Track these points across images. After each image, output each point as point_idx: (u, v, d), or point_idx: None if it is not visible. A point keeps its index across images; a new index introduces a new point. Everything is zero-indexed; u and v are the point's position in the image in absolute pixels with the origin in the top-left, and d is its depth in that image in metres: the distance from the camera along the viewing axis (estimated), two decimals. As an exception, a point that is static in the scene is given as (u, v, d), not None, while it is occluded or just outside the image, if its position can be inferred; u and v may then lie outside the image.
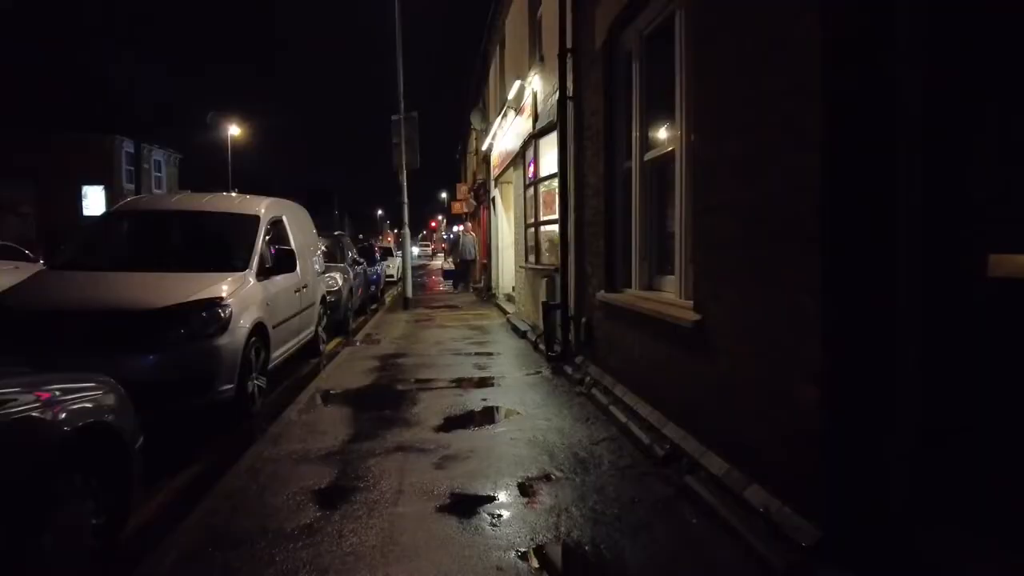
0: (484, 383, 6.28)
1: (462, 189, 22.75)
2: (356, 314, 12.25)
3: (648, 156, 4.73)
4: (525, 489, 3.49)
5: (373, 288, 15.42)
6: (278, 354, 6.19)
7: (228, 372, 4.90)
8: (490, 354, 7.87)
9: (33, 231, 26.41)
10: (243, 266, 5.68)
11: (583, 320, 6.08)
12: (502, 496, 3.39)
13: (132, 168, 30.11)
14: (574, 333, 6.51)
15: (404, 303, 13.52)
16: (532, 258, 8.87)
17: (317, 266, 8.46)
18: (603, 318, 5.52)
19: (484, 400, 5.52)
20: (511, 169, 11.32)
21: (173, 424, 5.00)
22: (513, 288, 14.02)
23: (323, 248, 11.43)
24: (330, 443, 4.34)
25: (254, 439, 4.52)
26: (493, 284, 15.32)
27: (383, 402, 5.50)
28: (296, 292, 6.85)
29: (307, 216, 8.52)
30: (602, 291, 5.45)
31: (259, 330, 5.49)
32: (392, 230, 73.09)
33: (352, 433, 4.58)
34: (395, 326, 10.79)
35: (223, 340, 4.86)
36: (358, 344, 8.95)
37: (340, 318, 10.09)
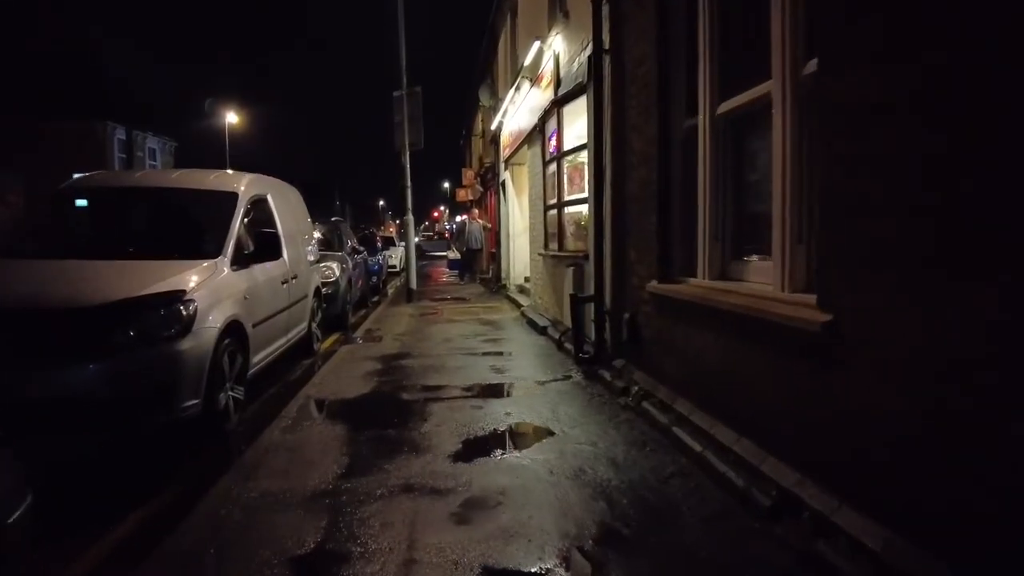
0: (505, 391, 5.29)
1: (468, 174, 21.62)
2: (356, 307, 11.26)
3: (724, 107, 3.71)
4: (586, 560, 2.50)
5: (375, 279, 14.43)
6: (261, 357, 5.20)
7: (192, 383, 3.91)
8: (508, 354, 6.88)
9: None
10: (215, 252, 4.68)
11: (625, 316, 5.07)
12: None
13: (125, 156, 29.05)
14: (611, 331, 5.50)
15: (408, 295, 12.52)
16: (554, 244, 7.85)
17: (311, 254, 7.46)
18: (655, 314, 4.51)
19: (508, 414, 4.53)
20: (525, 147, 10.29)
21: (121, 451, 4.03)
22: (526, 279, 13.02)
23: (319, 235, 10.49)
24: (318, 478, 3.36)
25: (223, 470, 3.54)
26: (503, 275, 14.31)
27: (386, 417, 4.51)
28: (283, 283, 5.85)
29: (298, 197, 7.50)
30: (654, 282, 4.44)
31: (234, 330, 4.50)
32: (394, 220, 72.10)
33: (347, 463, 3.59)
34: (399, 321, 9.80)
35: (186, 344, 3.87)
36: (358, 342, 7.96)
37: (338, 312, 9.10)
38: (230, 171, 6.05)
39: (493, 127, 13.92)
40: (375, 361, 6.56)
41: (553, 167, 7.66)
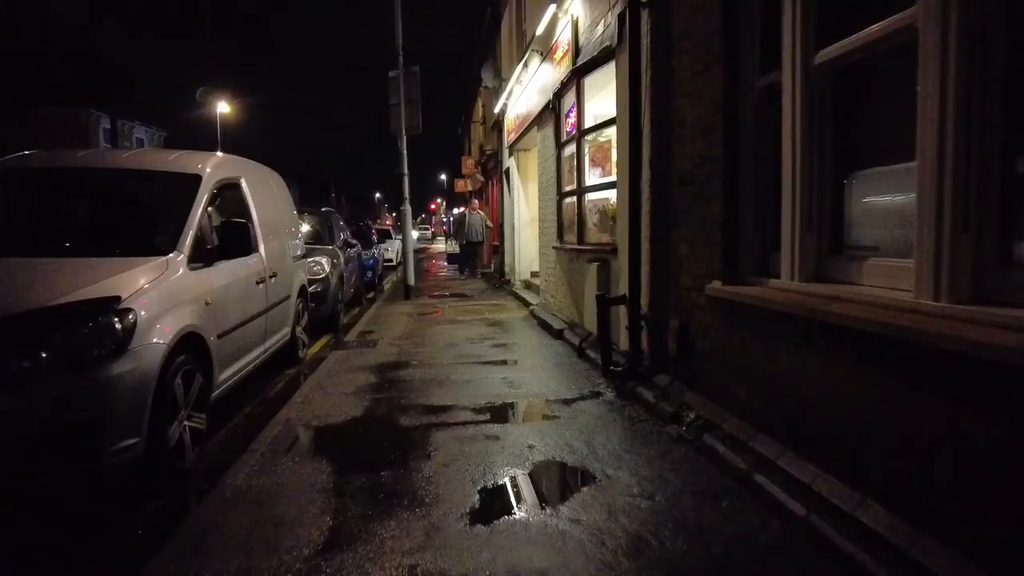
0: (524, 413, 4.41)
1: (467, 163, 20.58)
2: (349, 305, 10.38)
3: (825, 55, 2.80)
4: None
5: (370, 274, 13.52)
6: (230, 374, 4.31)
7: (128, 418, 3.02)
8: (521, 363, 5.99)
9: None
10: (169, 247, 3.77)
11: (672, 324, 4.18)
12: None
13: (110, 146, 28.00)
14: (650, 340, 4.62)
15: (405, 292, 11.61)
16: (571, 237, 6.95)
17: (296, 248, 6.56)
18: (717, 324, 3.62)
19: (531, 448, 3.64)
20: (533, 130, 9.36)
21: (37, 503, 3.13)
22: (533, 274, 12.12)
23: (308, 227, 9.57)
24: (289, 555, 2.47)
25: (163, 538, 2.65)
26: (507, 269, 13.40)
27: (381, 452, 3.62)
28: (259, 283, 4.95)
29: (281, 184, 6.59)
30: (715, 283, 3.55)
31: (192, 344, 3.60)
32: (391, 213, 71.09)
33: (329, 526, 2.71)
34: (396, 321, 8.90)
35: (120, 367, 2.97)
36: (350, 346, 7.06)
37: (328, 313, 8.21)
38: (194, 151, 5.14)
39: (496, 110, 12.97)
40: (369, 372, 5.67)
41: (571, 148, 6.75)
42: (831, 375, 2.59)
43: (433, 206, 75.41)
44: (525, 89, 9.84)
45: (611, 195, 5.69)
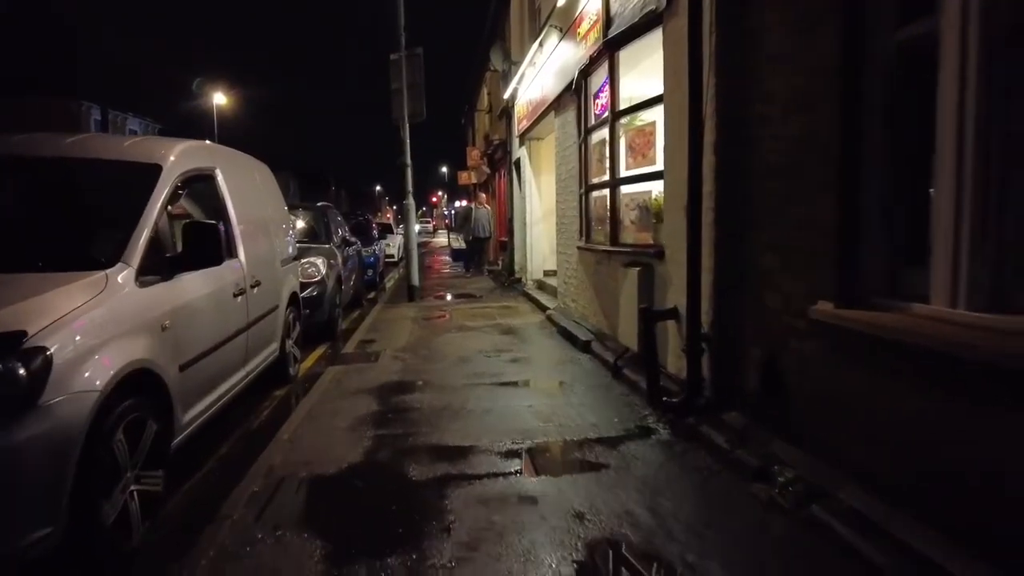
0: (563, 462, 3.57)
1: (472, 154, 19.61)
2: (349, 307, 9.56)
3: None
4: None
5: (371, 272, 12.67)
6: (201, 409, 3.49)
7: (38, 501, 2.20)
8: (547, 385, 5.17)
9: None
10: (112, 257, 2.94)
11: (753, 352, 3.36)
12: None
13: (102, 137, 27.08)
14: (713, 367, 3.79)
15: (409, 292, 10.77)
16: (599, 235, 6.11)
17: (287, 249, 5.73)
18: (827, 357, 2.78)
19: (579, 516, 2.81)
20: (551, 116, 8.49)
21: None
22: (547, 273, 11.29)
23: (302, 223, 8.73)
24: None
25: None
26: (516, 267, 12.54)
27: (385, 525, 2.80)
28: (237, 295, 4.12)
29: (267, 175, 5.75)
30: (825, 303, 2.71)
31: (142, 383, 2.78)
32: (392, 206, 70.19)
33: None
34: (399, 328, 8.07)
35: (24, 431, 2.15)
36: (349, 361, 6.23)
37: (324, 319, 7.38)
38: (158, 138, 4.31)
39: (506, 96, 12.06)
40: (370, 397, 4.84)
41: (601, 134, 5.89)
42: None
43: (434, 199, 74.45)
44: (540, 71, 8.96)
45: (654, 188, 4.84)
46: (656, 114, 4.74)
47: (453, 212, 43.45)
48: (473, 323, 8.28)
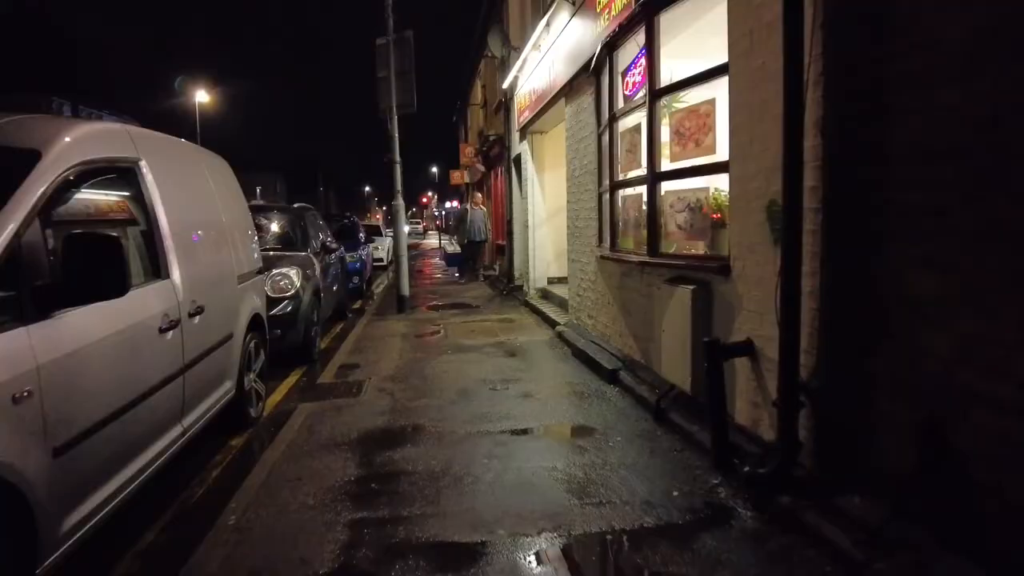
0: (616, 570, 2.53)
1: (466, 151, 18.47)
2: (330, 321, 8.47)
3: None
4: None
5: (356, 280, 11.54)
6: (96, 505, 2.41)
7: None
8: (573, 434, 4.12)
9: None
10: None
11: (894, 417, 2.32)
12: None
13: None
14: (815, 426, 2.76)
15: (399, 303, 9.71)
16: (629, 242, 5.07)
17: (247, 261, 4.65)
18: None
19: None
20: (560, 104, 7.45)
21: None
22: (551, 281, 10.26)
23: (276, 228, 7.64)
24: None
25: None
26: (517, 274, 11.48)
27: None
28: (165, 331, 3.04)
29: (224, 170, 4.68)
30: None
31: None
32: (381, 207, 68.93)
33: None
34: (387, 348, 7.00)
35: None
36: (326, 395, 5.16)
37: (299, 340, 6.29)
38: (48, 116, 3.24)
39: (505, 86, 10.99)
40: (348, 453, 3.78)
41: (634, 119, 4.84)
42: None
43: (425, 200, 73.15)
44: (545, 55, 7.92)
45: (712, 183, 3.81)
46: (713, 90, 3.71)
47: (445, 212, 42.25)
48: (472, 341, 7.22)
